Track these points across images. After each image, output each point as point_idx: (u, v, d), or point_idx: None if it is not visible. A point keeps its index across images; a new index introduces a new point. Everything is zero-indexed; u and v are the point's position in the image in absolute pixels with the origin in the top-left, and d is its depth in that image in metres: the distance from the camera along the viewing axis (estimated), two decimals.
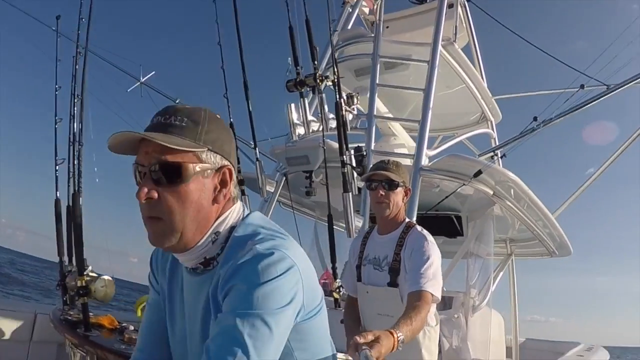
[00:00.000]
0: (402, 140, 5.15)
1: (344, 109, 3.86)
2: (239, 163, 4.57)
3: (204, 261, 1.18)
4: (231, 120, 4.43)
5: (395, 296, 2.42)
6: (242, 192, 4.50)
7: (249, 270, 1.05)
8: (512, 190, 4.20)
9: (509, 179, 3.93)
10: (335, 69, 3.67)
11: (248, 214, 1.23)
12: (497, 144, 5.77)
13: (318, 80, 3.98)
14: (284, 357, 1.16)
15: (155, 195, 1.08)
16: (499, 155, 4.55)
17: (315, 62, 4.07)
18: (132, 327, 3.06)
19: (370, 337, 1.72)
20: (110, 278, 2.66)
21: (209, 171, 1.13)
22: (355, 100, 3.94)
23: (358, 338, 1.71)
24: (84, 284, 2.59)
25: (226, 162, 1.16)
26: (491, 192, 4.10)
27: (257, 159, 4.44)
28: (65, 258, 3.30)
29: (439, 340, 2.72)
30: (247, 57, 4.38)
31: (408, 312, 2.14)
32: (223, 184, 1.16)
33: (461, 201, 4.87)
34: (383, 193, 2.49)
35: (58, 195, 3.23)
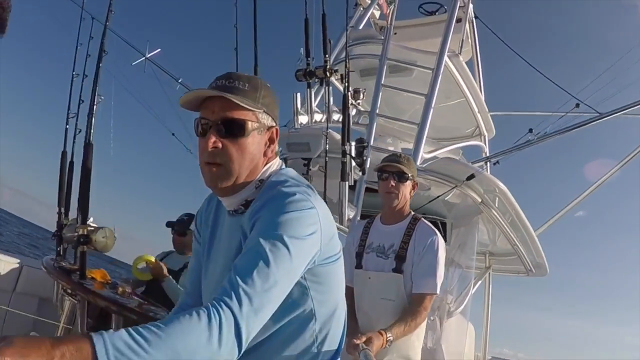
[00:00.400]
0: (396, 144, 5.31)
1: (350, 101, 4.02)
2: None
3: (245, 203, 1.37)
4: None
5: (399, 281, 2.59)
6: None
7: (274, 203, 1.24)
8: (499, 201, 4.37)
9: (498, 188, 4.10)
10: (347, 63, 3.81)
11: (284, 168, 1.45)
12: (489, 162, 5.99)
13: (328, 73, 4.13)
14: (300, 295, 1.32)
15: (220, 145, 1.29)
16: (492, 162, 4.74)
17: (327, 56, 4.23)
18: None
19: (363, 339, 2.09)
20: (111, 229, 2.74)
21: (262, 129, 1.36)
22: (361, 95, 4.10)
23: (356, 340, 2.06)
24: (85, 233, 2.67)
25: (274, 124, 1.40)
26: (479, 200, 4.27)
27: None
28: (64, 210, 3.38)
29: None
30: (260, 42, 4.50)
31: (406, 317, 2.44)
32: (271, 141, 1.39)
33: (448, 208, 5.03)
34: (393, 184, 2.68)
35: (66, 148, 3.32)
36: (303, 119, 4.63)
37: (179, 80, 6.83)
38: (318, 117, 4.67)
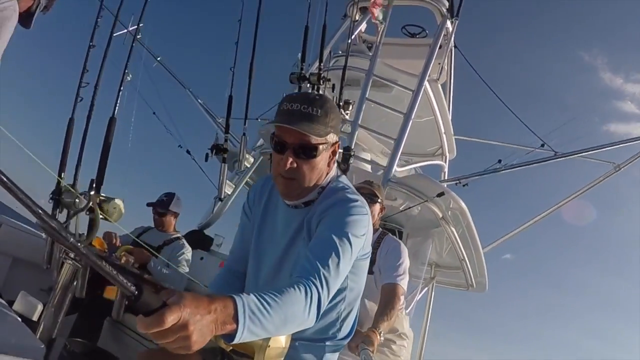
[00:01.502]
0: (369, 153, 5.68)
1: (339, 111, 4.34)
2: (227, 132, 4.94)
3: (305, 202, 1.68)
4: (231, 94, 4.75)
5: (370, 282, 2.98)
6: (223, 160, 4.84)
7: (342, 206, 1.58)
8: (456, 218, 4.81)
9: (460, 207, 4.54)
10: (344, 76, 4.12)
11: (340, 175, 1.77)
12: (447, 177, 6.49)
13: (321, 81, 4.45)
14: (339, 292, 1.65)
15: (295, 165, 1.57)
16: (462, 184, 5.21)
17: (322, 64, 4.54)
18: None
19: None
20: (122, 201, 2.92)
21: (329, 146, 1.64)
22: (350, 107, 4.43)
23: (353, 343, 2.42)
24: (98, 202, 2.84)
25: (337, 139, 1.67)
26: (440, 215, 4.69)
27: (243, 134, 4.81)
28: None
29: None
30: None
31: (383, 309, 2.80)
32: (334, 154, 1.69)
33: (406, 218, 5.43)
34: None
35: (74, 115, 3.44)
36: None
37: (158, 59, 6.92)
38: None
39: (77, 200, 3.31)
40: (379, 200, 3.13)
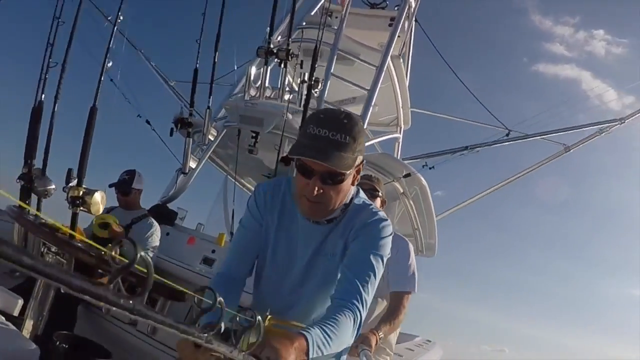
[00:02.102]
0: None
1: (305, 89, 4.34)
2: (192, 106, 4.83)
3: (328, 219, 1.72)
4: (197, 66, 4.62)
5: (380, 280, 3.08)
6: (188, 134, 4.76)
7: (376, 226, 1.67)
8: (416, 193, 5.04)
9: (422, 185, 4.75)
10: (317, 53, 4.11)
11: (358, 190, 1.79)
12: (400, 147, 6.72)
13: (290, 57, 4.42)
14: None
15: (322, 191, 1.57)
16: (429, 166, 5.44)
17: (290, 39, 4.50)
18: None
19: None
20: (104, 192, 2.87)
21: (354, 168, 1.63)
22: (319, 85, 4.44)
23: (353, 344, 2.47)
24: (80, 194, 2.77)
25: (362, 159, 1.66)
26: (401, 191, 4.89)
27: (208, 107, 4.73)
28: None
29: None
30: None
31: (388, 317, 2.83)
32: (358, 172, 1.70)
33: None
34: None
35: (43, 98, 3.27)
36: (253, 91, 4.87)
37: (109, 18, 6.53)
38: (268, 93, 4.93)
39: (49, 188, 3.23)
40: (380, 194, 3.09)
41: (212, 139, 4.93)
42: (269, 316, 1.36)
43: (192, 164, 4.96)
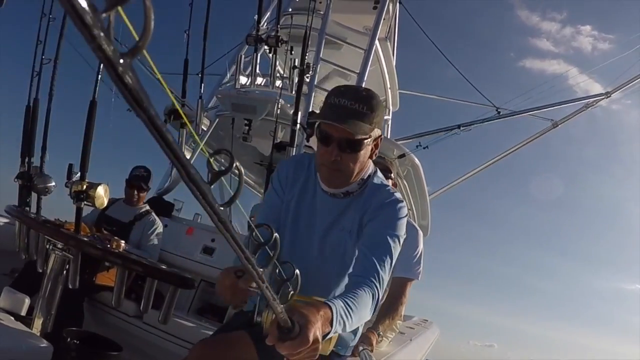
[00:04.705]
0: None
1: (297, 74, 4.35)
2: (184, 97, 4.81)
3: (345, 192, 1.77)
4: (187, 57, 4.60)
5: None
6: (182, 125, 4.75)
7: (394, 208, 1.74)
8: (409, 172, 5.09)
9: (414, 164, 4.81)
10: (307, 40, 4.11)
11: (376, 170, 1.85)
12: (390, 131, 6.76)
13: (279, 43, 4.42)
14: None
15: (340, 158, 1.65)
16: (422, 146, 5.50)
17: (279, 26, 4.50)
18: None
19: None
20: (107, 185, 2.87)
21: (371, 140, 1.72)
22: (311, 70, 4.45)
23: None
24: (84, 188, 2.77)
25: (380, 132, 1.75)
26: (395, 171, 4.94)
27: (200, 97, 4.71)
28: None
29: None
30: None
31: (387, 309, 2.78)
32: (376, 147, 1.77)
33: None
34: None
35: (39, 96, 3.25)
36: (243, 79, 4.88)
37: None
38: (258, 80, 4.93)
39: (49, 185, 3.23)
40: (392, 175, 3.06)
41: (205, 128, 4.93)
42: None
43: (187, 155, 4.96)
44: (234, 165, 0.84)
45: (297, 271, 1.16)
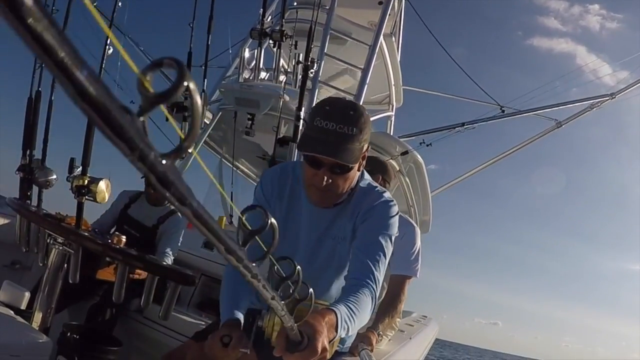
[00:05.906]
0: None
1: (301, 69, 4.32)
2: (187, 90, 4.78)
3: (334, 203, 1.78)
4: (191, 50, 4.56)
5: None
6: (184, 119, 4.72)
7: (384, 208, 1.74)
8: (411, 169, 5.08)
9: (417, 161, 4.79)
10: (312, 34, 4.07)
11: (363, 173, 1.83)
12: (393, 127, 6.73)
13: (284, 38, 4.39)
14: None
15: (330, 180, 1.64)
16: (426, 144, 5.47)
17: (283, 20, 4.46)
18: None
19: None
20: (108, 180, 2.85)
21: (361, 157, 1.69)
22: (315, 65, 4.41)
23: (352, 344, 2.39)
24: (85, 183, 2.75)
25: (367, 145, 1.71)
26: (397, 168, 4.92)
27: (203, 91, 4.68)
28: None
29: None
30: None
31: (386, 308, 2.76)
32: (363, 158, 1.74)
33: None
34: None
35: (41, 87, 3.24)
36: (247, 73, 4.84)
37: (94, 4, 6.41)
38: (262, 75, 4.90)
39: (51, 178, 3.21)
40: (390, 181, 3.07)
41: (207, 122, 4.91)
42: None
43: (189, 149, 4.93)
44: (269, 222, 0.82)
45: (299, 267, 1.05)
